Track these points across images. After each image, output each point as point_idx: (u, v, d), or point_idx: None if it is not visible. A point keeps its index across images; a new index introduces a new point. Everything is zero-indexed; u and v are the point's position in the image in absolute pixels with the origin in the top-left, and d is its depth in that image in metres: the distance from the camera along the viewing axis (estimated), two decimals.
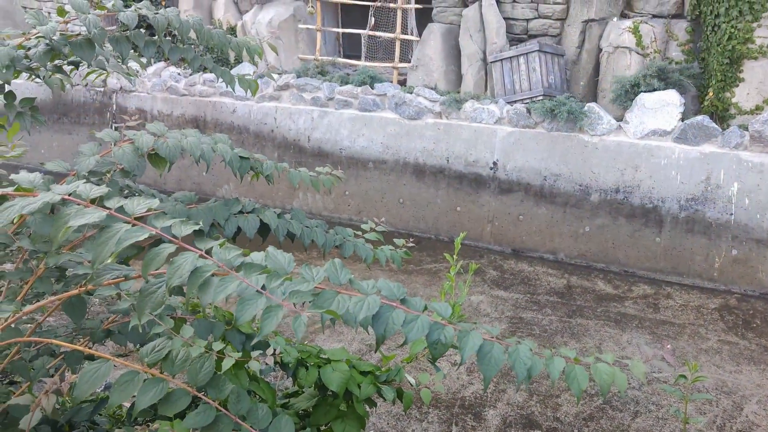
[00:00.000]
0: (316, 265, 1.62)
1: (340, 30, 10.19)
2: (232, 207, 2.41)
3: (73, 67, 2.36)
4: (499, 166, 8.05)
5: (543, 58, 8.18)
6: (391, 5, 9.35)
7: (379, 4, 9.48)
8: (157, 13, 2.29)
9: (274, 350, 2.30)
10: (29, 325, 1.99)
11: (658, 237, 7.43)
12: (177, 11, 2.38)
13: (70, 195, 1.42)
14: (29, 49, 2.09)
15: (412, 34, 9.41)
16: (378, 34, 9.58)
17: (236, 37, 10.02)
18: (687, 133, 7.24)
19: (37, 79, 2.38)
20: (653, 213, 7.41)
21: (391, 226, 8.72)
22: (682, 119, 7.40)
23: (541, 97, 8.03)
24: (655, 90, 7.62)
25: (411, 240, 3.02)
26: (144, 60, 2.49)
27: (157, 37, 2.30)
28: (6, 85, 2.16)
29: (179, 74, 9.88)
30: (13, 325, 1.71)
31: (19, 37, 2.19)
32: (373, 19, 9.55)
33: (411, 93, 8.56)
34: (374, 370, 2.62)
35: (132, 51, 2.37)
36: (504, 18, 8.85)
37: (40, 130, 10.29)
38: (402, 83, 9.29)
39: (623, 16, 8.37)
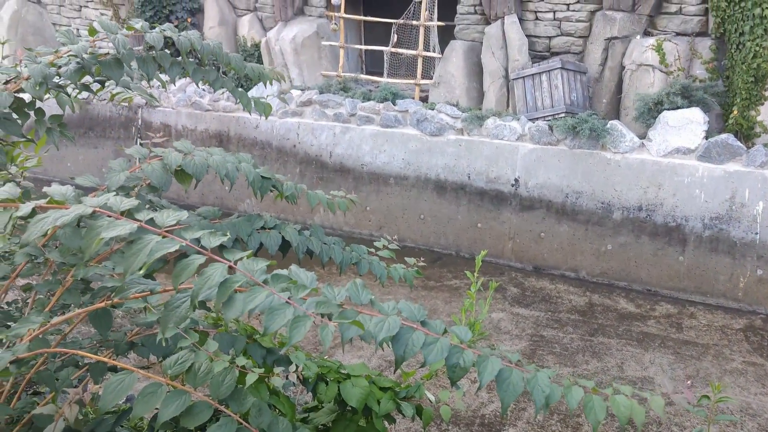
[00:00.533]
0: (335, 282, 1.64)
1: (363, 47, 10.27)
2: (254, 223, 2.44)
3: (99, 86, 2.42)
4: (520, 183, 8.04)
5: (565, 75, 8.18)
6: (414, 23, 9.42)
7: (401, 21, 9.55)
8: (181, 35, 2.34)
9: (297, 367, 2.32)
10: (55, 336, 2.02)
11: (682, 256, 7.36)
12: (199, 34, 2.44)
13: (101, 208, 1.46)
14: (60, 66, 2.14)
15: (434, 51, 9.46)
16: (400, 51, 9.64)
17: (259, 52, 10.11)
18: (711, 151, 7.18)
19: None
20: (676, 231, 7.35)
21: (411, 242, 8.73)
22: (706, 137, 7.35)
23: (563, 115, 8.02)
24: (678, 108, 7.58)
25: (431, 256, 3.04)
26: (167, 79, 2.55)
27: (181, 58, 2.35)
28: (37, 101, 2.22)
29: (204, 90, 10.00)
30: (40, 336, 1.74)
31: (50, 55, 2.24)
32: (395, 36, 9.62)
33: (433, 109, 8.59)
34: (394, 386, 2.62)
35: (157, 71, 2.42)
36: (526, 35, 8.87)
37: (67, 144, 10.46)
38: (424, 100, 9.32)
39: (646, 33, 8.35)
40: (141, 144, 2.30)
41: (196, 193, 9.79)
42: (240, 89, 2.57)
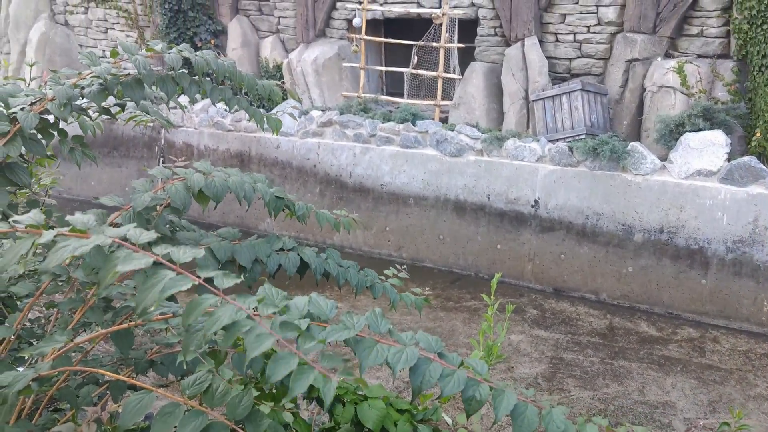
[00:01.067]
0: (354, 308, 1.65)
1: (384, 68, 10.35)
2: (273, 244, 2.47)
3: (119, 109, 2.48)
4: (540, 205, 8.01)
5: (586, 97, 8.18)
6: (434, 44, 9.48)
7: (422, 43, 9.62)
8: (197, 55, 2.40)
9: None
10: (77, 353, 2.05)
11: (704, 279, 7.28)
12: (214, 54, 2.49)
13: (120, 239, 1.49)
14: (83, 88, 2.19)
15: (454, 73, 9.51)
16: (421, 72, 9.70)
17: (281, 73, 10.23)
18: (734, 173, 7.12)
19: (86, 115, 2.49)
20: (699, 254, 7.27)
21: (430, 263, 8.72)
22: (728, 160, 7.29)
23: (583, 136, 8.01)
24: (700, 130, 7.53)
25: (450, 277, 3.05)
26: (186, 101, 2.60)
27: (198, 77, 2.41)
28: (60, 122, 2.27)
29: (225, 110, 10.12)
30: (63, 354, 1.77)
31: (74, 77, 2.30)
32: (416, 57, 9.69)
33: (452, 130, 8.61)
34: (411, 409, 2.61)
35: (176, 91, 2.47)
36: (546, 57, 8.90)
37: (91, 163, 10.64)
38: (444, 121, 9.36)
39: (668, 55, 8.34)
40: (164, 165, 2.34)
41: (217, 213, 9.88)
42: (253, 107, 2.62)
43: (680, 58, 8.12)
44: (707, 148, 7.35)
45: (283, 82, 10.77)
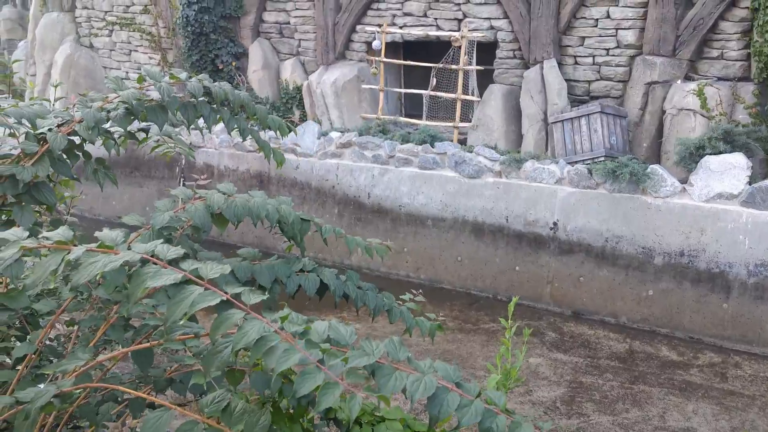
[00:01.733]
0: (371, 329, 1.66)
1: (403, 90, 10.42)
2: (293, 265, 2.49)
3: (144, 135, 2.54)
4: (559, 227, 7.98)
5: (605, 119, 8.17)
6: (453, 67, 9.53)
7: (441, 65, 9.68)
8: (215, 86, 2.46)
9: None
10: (97, 371, 2.07)
11: (726, 303, 7.19)
12: (230, 85, 2.56)
13: (148, 255, 1.52)
14: (110, 111, 2.24)
15: (473, 95, 9.55)
16: (439, 94, 9.75)
17: (301, 94, 10.33)
18: (755, 196, 7.05)
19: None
20: (720, 278, 7.19)
21: (448, 284, 8.70)
22: (750, 183, 7.22)
23: (602, 158, 7.98)
24: (720, 153, 7.48)
25: (468, 299, 3.06)
26: (203, 125, 2.66)
27: (216, 106, 2.47)
28: (83, 144, 2.32)
29: None
30: (84, 371, 1.79)
31: (100, 101, 2.35)
32: (434, 79, 9.74)
33: (471, 152, 8.63)
34: (428, 431, 2.60)
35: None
36: (565, 79, 8.91)
37: (112, 184, 10.76)
38: (462, 142, 9.38)
39: (687, 78, 8.31)
40: (185, 185, 2.39)
41: (236, 233, 9.94)
42: (263, 139, 2.69)
43: (700, 81, 8.09)
44: (728, 170, 7.30)
45: (303, 106, 10.88)
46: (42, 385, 1.87)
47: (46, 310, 2.24)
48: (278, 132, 2.74)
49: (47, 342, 2.53)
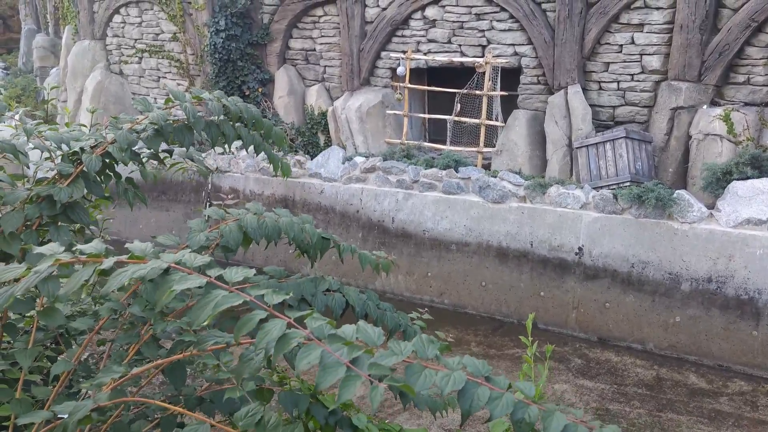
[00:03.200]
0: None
1: (427, 116, 10.49)
2: (319, 285, 2.52)
3: (167, 155, 2.61)
4: (584, 252, 7.93)
5: (630, 144, 8.15)
6: (477, 92, 9.59)
7: (465, 91, 9.74)
8: (231, 100, 2.53)
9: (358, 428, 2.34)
10: (131, 388, 2.10)
11: (755, 330, 7.07)
12: (247, 105, 2.62)
13: (176, 263, 1.55)
14: (139, 132, 2.31)
15: (497, 120, 9.58)
16: (463, 119, 9.80)
17: (326, 120, 10.44)
18: None
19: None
20: (749, 305, 7.08)
21: (472, 309, 8.66)
22: None
23: (628, 183, 7.95)
24: (748, 178, 7.42)
25: (492, 324, 3.07)
26: (235, 144, 2.73)
27: (235, 123, 2.54)
28: (114, 165, 2.39)
29: None
30: (118, 388, 1.82)
31: (128, 123, 2.42)
32: (458, 105, 9.80)
33: (495, 177, 8.63)
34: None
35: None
36: (590, 105, 8.92)
37: (140, 206, 10.90)
38: (486, 167, 9.40)
39: (713, 103, 8.28)
40: (211, 204, 2.45)
41: (261, 256, 10.00)
42: (274, 152, 2.76)
43: (726, 106, 8.05)
44: (756, 196, 7.22)
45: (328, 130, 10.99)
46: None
47: (82, 328, 2.28)
48: (275, 143, 2.83)
49: (82, 360, 2.58)
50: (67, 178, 2.29)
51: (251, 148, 2.64)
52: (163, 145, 2.69)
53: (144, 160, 2.67)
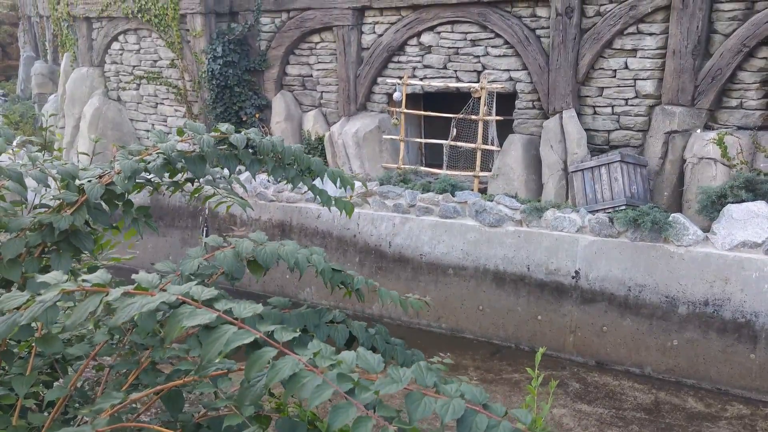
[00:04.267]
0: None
1: (423, 140, 10.55)
2: (323, 316, 2.54)
3: (187, 182, 2.63)
4: (581, 275, 7.95)
5: (625, 168, 8.21)
6: (473, 117, 9.67)
7: (461, 116, 9.81)
8: (264, 140, 2.54)
9: None
10: (129, 415, 2.11)
11: (753, 353, 7.08)
12: (281, 139, 2.62)
13: (183, 296, 1.57)
14: (149, 162, 2.34)
15: (492, 144, 9.64)
16: (460, 144, 9.86)
17: (322, 145, 10.49)
18: None
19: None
20: (746, 328, 7.09)
21: (470, 333, 8.65)
22: None
23: (623, 207, 7.99)
24: (743, 201, 7.47)
25: (489, 348, 3.07)
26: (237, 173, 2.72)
27: (261, 156, 2.54)
28: (126, 194, 2.41)
29: (268, 181, 10.37)
30: (116, 414, 1.83)
31: (139, 153, 2.45)
32: (455, 129, 9.87)
33: (491, 201, 8.67)
34: None
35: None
36: (585, 129, 8.99)
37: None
38: (483, 191, 9.44)
39: (707, 127, 8.36)
40: (208, 229, 2.47)
41: (259, 281, 10.00)
42: (321, 188, 2.71)
43: (720, 130, 8.13)
44: (751, 219, 7.27)
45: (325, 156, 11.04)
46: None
47: (78, 354, 2.29)
48: (342, 185, 2.74)
49: (78, 386, 2.58)
50: (72, 206, 2.32)
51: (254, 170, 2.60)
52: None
53: (168, 189, 2.68)
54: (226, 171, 2.62)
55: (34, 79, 16.54)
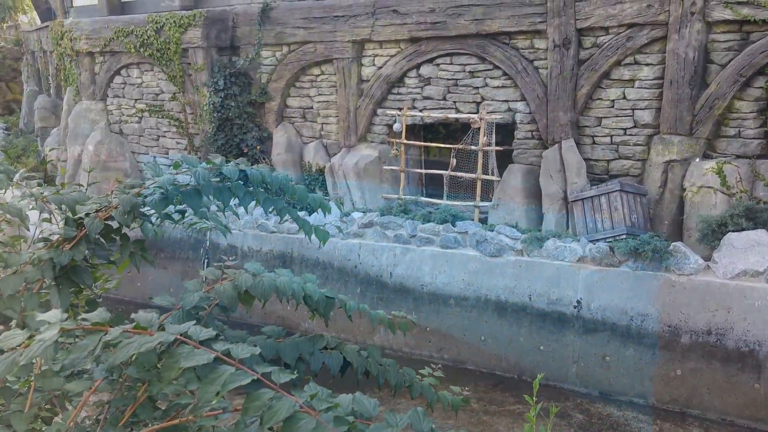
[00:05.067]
0: (395, 411, 1.69)
1: (423, 171, 10.60)
2: (316, 343, 2.53)
3: (180, 215, 2.64)
4: (582, 305, 7.93)
5: (625, 197, 8.23)
6: (473, 147, 9.72)
7: (460, 146, 9.87)
8: (253, 169, 2.57)
9: None
10: None
11: (758, 383, 7.02)
12: (268, 168, 2.65)
13: (182, 335, 1.58)
14: (146, 196, 2.35)
15: (492, 175, 9.68)
16: (459, 174, 9.90)
17: (323, 176, 10.53)
18: None
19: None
20: (750, 357, 7.05)
21: (472, 365, 8.59)
22: None
23: (624, 236, 7.99)
24: (743, 230, 7.48)
25: (492, 380, 3.05)
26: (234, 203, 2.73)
27: (252, 188, 2.56)
28: (121, 228, 2.42)
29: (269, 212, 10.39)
30: None
31: (137, 187, 2.47)
32: (454, 160, 9.91)
33: (492, 231, 8.68)
34: None
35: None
36: (584, 158, 9.03)
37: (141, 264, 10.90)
38: (483, 221, 9.46)
39: (706, 156, 8.39)
40: (209, 261, 2.48)
41: (258, 313, 9.96)
42: (304, 218, 2.75)
43: (719, 159, 8.16)
44: (752, 247, 7.27)
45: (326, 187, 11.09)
46: None
47: (78, 390, 2.28)
48: (322, 210, 2.80)
49: (77, 423, 2.56)
50: (71, 241, 2.33)
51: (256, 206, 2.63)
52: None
53: (156, 220, 2.70)
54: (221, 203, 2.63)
55: (37, 113, 16.68)
